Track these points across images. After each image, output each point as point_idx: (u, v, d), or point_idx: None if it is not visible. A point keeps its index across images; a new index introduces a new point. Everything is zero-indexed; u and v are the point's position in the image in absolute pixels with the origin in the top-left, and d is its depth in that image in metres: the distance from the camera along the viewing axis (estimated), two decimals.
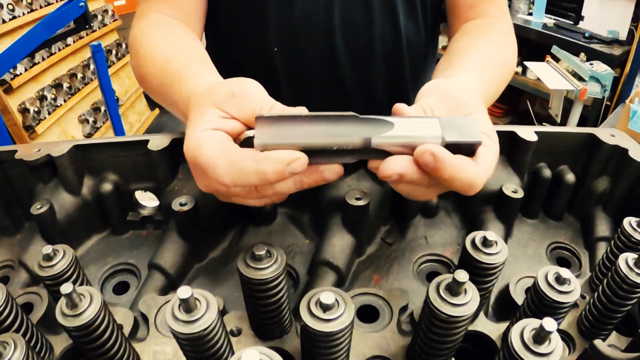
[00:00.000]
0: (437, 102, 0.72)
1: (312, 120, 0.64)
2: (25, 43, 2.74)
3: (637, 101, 3.12)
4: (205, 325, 0.55)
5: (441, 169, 0.63)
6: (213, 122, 0.68)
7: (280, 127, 0.64)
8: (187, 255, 0.90)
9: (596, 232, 0.99)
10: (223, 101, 0.70)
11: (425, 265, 0.94)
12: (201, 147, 0.66)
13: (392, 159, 0.65)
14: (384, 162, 0.65)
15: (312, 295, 0.56)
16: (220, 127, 0.68)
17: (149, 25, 1.10)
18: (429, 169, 0.64)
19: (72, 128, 4.09)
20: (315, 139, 0.64)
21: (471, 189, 0.67)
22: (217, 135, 0.67)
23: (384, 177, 0.65)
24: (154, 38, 1.05)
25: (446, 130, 0.64)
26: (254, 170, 0.63)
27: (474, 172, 0.66)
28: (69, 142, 0.92)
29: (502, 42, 1.14)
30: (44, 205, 0.88)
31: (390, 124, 0.64)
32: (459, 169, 0.64)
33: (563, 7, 4.99)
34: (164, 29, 1.09)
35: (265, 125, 0.64)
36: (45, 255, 0.71)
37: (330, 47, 1.23)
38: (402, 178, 0.65)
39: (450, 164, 0.63)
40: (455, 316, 0.57)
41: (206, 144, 0.66)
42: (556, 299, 0.64)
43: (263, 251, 0.62)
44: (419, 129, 0.65)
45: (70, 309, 0.59)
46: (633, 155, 0.94)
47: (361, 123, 0.64)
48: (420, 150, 0.63)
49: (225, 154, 0.65)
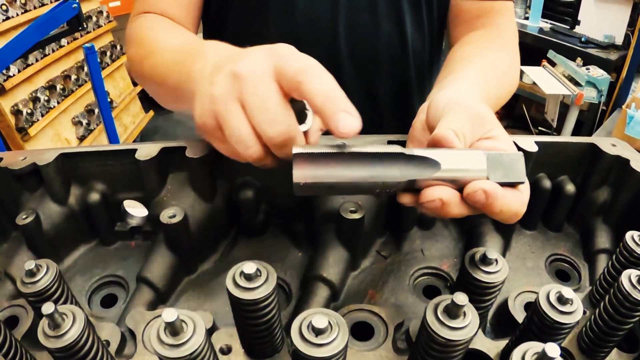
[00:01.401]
0: (463, 121, 0.69)
1: (354, 158, 0.61)
2: (17, 44, 2.73)
3: (633, 106, 3.12)
4: (192, 349, 0.52)
5: (492, 204, 0.62)
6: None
7: (319, 165, 0.60)
8: (176, 268, 0.88)
9: (596, 244, 0.98)
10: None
11: (422, 278, 0.92)
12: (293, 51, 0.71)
13: (436, 187, 0.63)
14: (428, 190, 0.63)
15: (304, 317, 0.53)
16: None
17: (148, 21, 1.12)
18: (478, 205, 0.63)
19: (66, 130, 4.07)
20: (357, 179, 0.61)
21: (516, 218, 0.66)
22: None
23: (425, 201, 0.63)
24: (157, 30, 1.07)
25: (492, 168, 0.63)
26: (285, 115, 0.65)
27: (520, 203, 0.65)
28: (56, 150, 0.90)
29: (505, 55, 1.12)
30: (29, 215, 0.86)
31: (437, 165, 0.62)
32: (508, 203, 0.63)
33: (559, 12, 5.01)
34: (166, 23, 1.11)
35: (304, 162, 0.60)
36: (28, 271, 0.68)
37: (334, 53, 1.22)
38: (444, 205, 0.63)
39: (501, 198, 0.62)
40: (453, 340, 0.55)
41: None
42: (558, 320, 0.62)
43: (253, 270, 0.59)
44: (466, 165, 0.63)
45: (53, 330, 0.57)
46: (635, 166, 0.92)
47: (407, 162, 0.62)
48: (472, 189, 0.62)
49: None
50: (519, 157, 0.65)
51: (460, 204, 0.63)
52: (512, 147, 0.70)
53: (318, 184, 0.60)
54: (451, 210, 0.63)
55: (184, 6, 1.20)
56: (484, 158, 0.63)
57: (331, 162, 0.60)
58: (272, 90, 0.65)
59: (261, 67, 0.67)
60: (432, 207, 0.63)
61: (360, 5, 1.19)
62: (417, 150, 0.62)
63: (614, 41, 4.61)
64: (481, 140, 0.70)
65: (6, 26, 3.41)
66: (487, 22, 1.20)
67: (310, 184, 0.60)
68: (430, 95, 0.87)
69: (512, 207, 0.64)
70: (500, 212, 0.63)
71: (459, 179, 0.63)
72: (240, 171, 0.93)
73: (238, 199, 0.93)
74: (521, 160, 0.65)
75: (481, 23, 1.21)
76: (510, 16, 1.24)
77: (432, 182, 0.62)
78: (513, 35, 1.21)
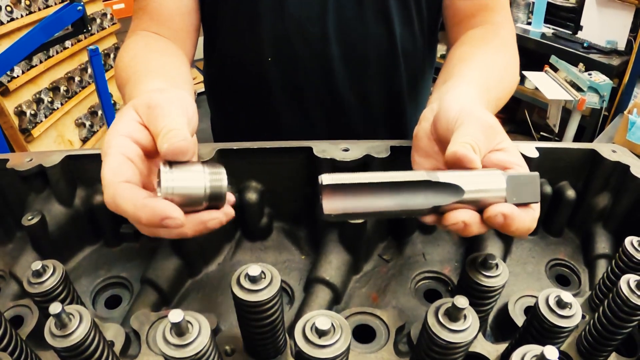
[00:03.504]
0: (478, 134, 0.70)
1: (381, 188, 0.62)
2: (22, 46, 2.73)
3: (635, 112, 3.11)
4: (197, 349, 0.53)
5: (509, 225, 0.65)
6: (128, 126, 0.67)
7: (348, 196, 0.61)
8: (180, 270, 0.89)
9: (596, 250, 0.98)
10: (140, 108, 0.68)
11: (423, 282, 0.93)
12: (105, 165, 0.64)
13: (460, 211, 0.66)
14: (452, 213, 0.65)
15: (308, 319, 0.54)
16: (132, 135, 0.66)
17: (132, 42, 1.13)
18: (496, 226, 0.66)
19: (69, 132, 4.07)
20: (386, 208, 0.62)
21: (528, 233, 0.69)
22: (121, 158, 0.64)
23: (449, 224, 0.65)
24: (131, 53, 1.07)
25: (510, 189, 0.65)
26: (131, 212, 0.61)
27: (532, 220, 0.68)
28: (62, 152, 0.91)
29: (504, 53, 1.12)
30: (35, 216, 0.87)
31: (461, 190, 0.64)
32: (523, 222, 0.66)
33: (562, 17, 5.00)
34: (143, 45, 1.11)
35: (333, 193, 0.60)
36: (35, 272, 0.69)
37: (324, 56, 1.23)
38: (466, 226, 0.65)
39: (517, 219, 0.65)
40: (454, 342, 0.56)
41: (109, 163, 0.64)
42: (557, 324, 0.63)
43: (257, 272, 0.60)
44: (487, 186, 0.65)
45: (59, 329, 0.57)
46: (635, 172, 0.93)
47: (432, 189, 0.63)
48: (493, 213, 0.65)
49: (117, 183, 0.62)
50: (535, 177, 0.67)
51: (480, 224, 0.66)
52: (520, 159, 0.71)
53: (348, 214, 0.61)
54: (472, 230, 0.66)
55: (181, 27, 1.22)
56: (504, 180, 0.65)
57: (359, 193, 0.61)
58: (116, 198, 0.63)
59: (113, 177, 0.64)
60: (455, 229, 0.65)
61: (348, 7, 1.19)
62: (441, 175, 0.64)
63: (616, 47, 4.60)
64: (493, 152, 0.71)
65: (11, 27, 3.40)
66: (483, 20, 1.20)
67: (340, 215, 0.61)
68: (432, 100, 0.87)
69: (526, 224, 0.66)
70: (515, 230, 0.66)
71: (480, 201, 0.65)
72: (245, 175, 0.94)
73: (242, 202, 0.93)
74: (536, 181, 0.67)
75: (477, 21, 1.20)
76: (506, 13, 1.24)
77: (455, 205, 0.64)
78: (510, 31, 1.21)
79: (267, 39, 1.22)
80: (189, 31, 1.23)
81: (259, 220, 0.96)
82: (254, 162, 0.91)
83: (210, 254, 0.95)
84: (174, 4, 1.19)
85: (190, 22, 1.23)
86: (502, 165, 0.69)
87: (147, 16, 1.19)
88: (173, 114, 0.66)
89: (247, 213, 0.94)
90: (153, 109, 0.67)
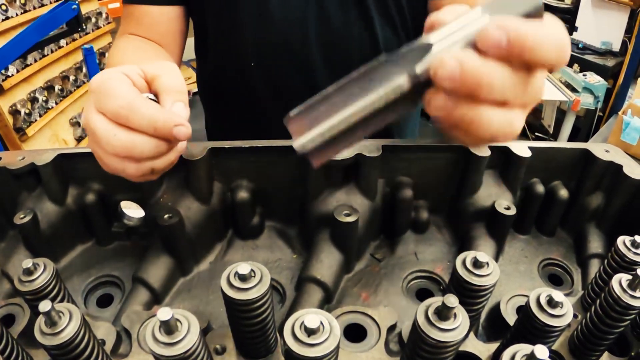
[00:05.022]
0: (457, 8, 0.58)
1: (345, 92, 0.54)
2: (17, 44, 2.74)
3: (629, 113, 3.13)
4: (187, 347, 0.53)
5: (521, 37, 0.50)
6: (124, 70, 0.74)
7: (313, 118, 0.53)
8: (172, 269, 0.89)
9: (589, 249, 0.99)
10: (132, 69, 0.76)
11: (415, 282, 0.93)
12: (112, 77, 0.71)
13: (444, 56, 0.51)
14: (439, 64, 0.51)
15: (297, 317, 0.54)
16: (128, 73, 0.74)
17: (122, 42, 1.23)
18: (503, 50, 0.50)
19: (63, 131, 4.07)
20: (361, 113, 0.53)
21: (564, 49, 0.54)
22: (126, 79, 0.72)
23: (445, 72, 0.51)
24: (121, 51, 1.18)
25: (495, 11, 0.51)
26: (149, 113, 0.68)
27: (557, 26, 0.53)
28: (54, 150, 0.91)
29: None
30: (27, 214, 0.87)
31: (428, 44, 0.52)
32: (541, 28, 0.51)
33: (557, 18, 5.02)
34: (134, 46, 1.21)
35: (298, 123, 0.54)
36: (25, 270, 0.69)
37: (306, 60, 1.24)
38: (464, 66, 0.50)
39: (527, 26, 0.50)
40: (444, 341, 0.56)
41: (117, 76, 0.71)
42: (547, 323, 0.63)
43: (247, 271, 0.60)
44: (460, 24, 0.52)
45: (49, 327, 0.57)
46: (627, 172, 0.93)
47: (398, 63, 0.53)
48: (483, 33, 0.50)
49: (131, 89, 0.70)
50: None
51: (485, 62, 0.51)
52: None
53: (324, 139, 0.54)
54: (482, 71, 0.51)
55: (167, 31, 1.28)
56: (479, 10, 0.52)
57: (326, 112, 0.54)
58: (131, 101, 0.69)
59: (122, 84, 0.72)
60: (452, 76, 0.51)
61: (329, 11, 1.20)
62: (402, 49, 0.53)
63: (611, 47, 4.63)
64: None
65: (5, 26, 3.40)
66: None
67: (315, 143, 0.54)
68: None
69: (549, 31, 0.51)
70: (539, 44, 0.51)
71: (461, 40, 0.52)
72: (236, 174, 0.94)
73: (234, 201, 0.93)
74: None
75: None
76: None
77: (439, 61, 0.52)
78: None
79: (249, 45, 1.24)
80: (175, 36, 1.30)
81: (251, 219, 0.96)
82: (245, 160, 0.91)
83: (202, 253, 0.95)
84: (158, 10, 1.24)
85: (176, 27, 1.29)
86: None
87: (134, 21, 1.26)
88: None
89: (239, 212, 0.95)
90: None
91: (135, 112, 0.67)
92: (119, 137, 0.69)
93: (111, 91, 0.69)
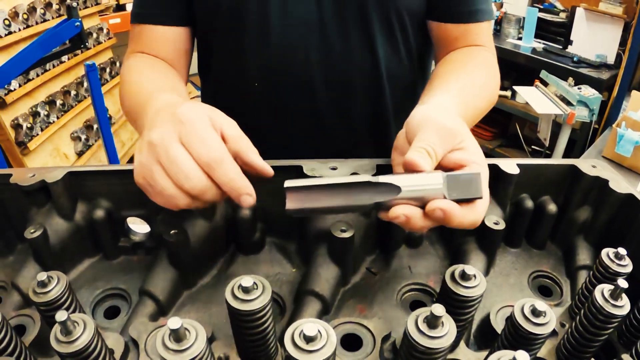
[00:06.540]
0: (434, 138, 0.78)
1: (333, 189, 0.74)
2: (20, 60, 2.76)
3: (624, 125, 3.16)
4: (195, 354, 0.57)
5: (450, 219, 0.72)
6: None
7: (306, 197, 0.75)
8: (177, 282, 0.92)
9: (577, 261, 1.02)
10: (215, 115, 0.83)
11: (409, 294, 0.96)
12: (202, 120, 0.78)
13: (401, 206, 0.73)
14: (394, 208, 0.73)
15: (296, 326, 0.58)
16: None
17: (137, 61, 1.26)
18: (438, 221, 0.73)
19: (64, 145, 4.08)
20: (336, 205, 0.75)
21: (475, 226, 0.76)
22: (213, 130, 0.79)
23: (392, 217, 0.73)
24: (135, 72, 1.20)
25: (450, 187, 0.72)
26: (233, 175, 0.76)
27: (476, 215, 0.75)
28: (63, 168, 0.94)
29: (483, 69, 1.18)
30: (37, 229, 0.90)
31: (398, 189, 0.73)
32: (464, 216, 0.73)
33: (552, 32, 5.06)
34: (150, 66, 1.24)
35: (295, 194, 0.75)
36: (40, 282, 0.72)
37: (308, 81, 1.27)
38: (408, 219, 0.73)
39: (458, 214, 0.72)
40: (432, 348, 0.60)
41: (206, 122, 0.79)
42: (531, 331, 0.67)
43: (250, 283, 0.64)
44: (424, 186, 0.73)
45: (65, 336, 0.61)
46: (613, 186, 0.97)
47: (374, 189, 0.74)
48: (431, 208, 0.71)
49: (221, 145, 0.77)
50: (476, 175, 0.74)
51: (423, 218, 0.73)
52: (478, 156, 0.79)
53: (306, 210, 0.75)
54: (416, 224, 0.73)
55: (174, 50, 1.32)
56: (441, 179, 0.72)
57: (315, 194, 0.75)
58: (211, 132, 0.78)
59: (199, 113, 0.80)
60: (398, 222, 0.73)
61: (332, 36, 1.23)
62: (382, 178, 0.74)
63: (605, 60, 4.65)
64: (453, 151, 0.78)
65: (8, 41, 3.43)
66: (467, 42, 1.26)
67: (299, 210, 0.75)
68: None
69: (469, 219, 0.74)
70: (459, 224, 0.73)
71: (419, 198, 0.73)
72: None
73: (236, 218, 0.96)
74: (478, 179, 0.74)
75: (460, 44, 1.26)
76: (488, 35, 1.31)
77: (398, 201, 0.73)
78: (491, 52, 1.28)
79: (252, 67, 1.27)
80: (181, 55, 1.34)
81: (252, 235, 1.00)
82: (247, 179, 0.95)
83: (205, 267, 0.98)
84: (167, 30, 1.28)
85: (181, 46, 1.33)
86: (460, 162, 0.77)
87: (143, 40, 1.30)
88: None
89: (241, 228, 0.98)
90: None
91: (222, 169, 0.75)
92: (199, 180, 0.75)
93: (205, 137, 0.76)
